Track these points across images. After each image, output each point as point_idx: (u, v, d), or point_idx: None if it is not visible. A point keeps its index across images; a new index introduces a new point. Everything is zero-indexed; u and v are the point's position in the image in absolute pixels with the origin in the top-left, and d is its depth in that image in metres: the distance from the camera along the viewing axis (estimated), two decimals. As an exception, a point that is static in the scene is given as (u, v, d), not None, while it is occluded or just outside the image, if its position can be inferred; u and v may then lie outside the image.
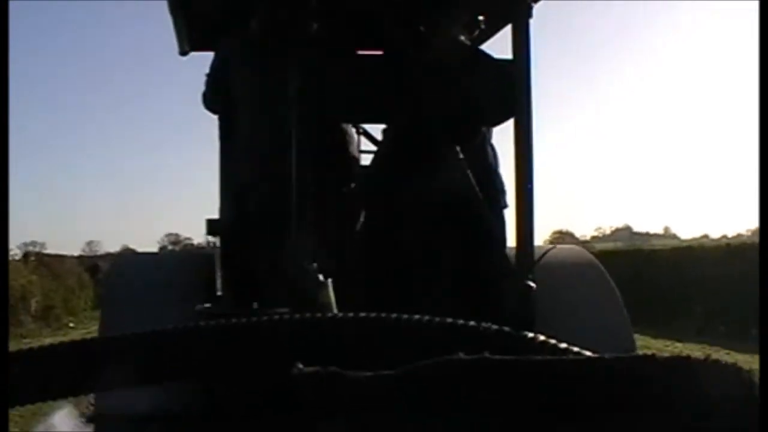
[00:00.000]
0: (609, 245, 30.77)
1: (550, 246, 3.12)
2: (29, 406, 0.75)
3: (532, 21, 2.82)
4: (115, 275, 3.72)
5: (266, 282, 2.79)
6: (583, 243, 51.62)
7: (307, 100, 2.72)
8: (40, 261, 21.87)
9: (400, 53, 3.31)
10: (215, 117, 3.51)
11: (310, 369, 0.58)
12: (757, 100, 1.72)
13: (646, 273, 15.07)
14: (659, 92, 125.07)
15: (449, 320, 0.72)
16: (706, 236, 37.68)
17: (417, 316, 0.71)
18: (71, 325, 19.04)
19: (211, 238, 3.76)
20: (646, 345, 10.08)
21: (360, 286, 2.88)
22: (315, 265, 2.48)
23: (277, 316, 0.77)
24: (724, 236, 27.46)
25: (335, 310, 2.36)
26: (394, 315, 0.74)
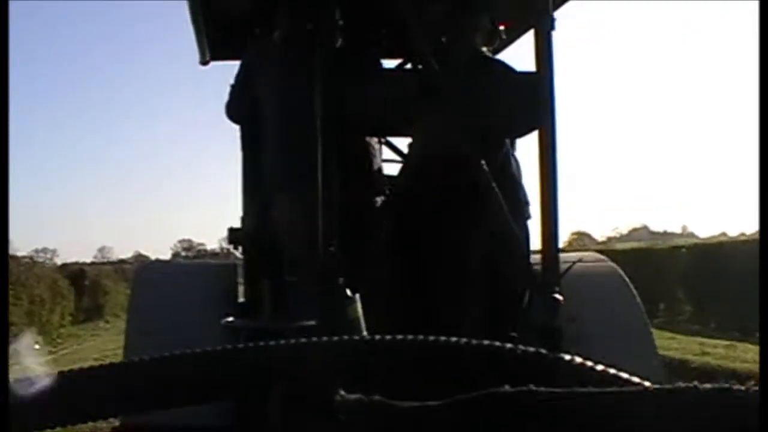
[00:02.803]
0: (632, 244, 30.37)
1: (576, 257, 3.09)
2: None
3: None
4: (140, 285, 3.73)
5: (292, 295, 2.79)
6: (601, 243, 51.32)
7: (332, 111, 2.73)
8: (-3, 265, 16.60)
9: (422, 64, 3.31)
10: (229, 124, 3.50)
11: (353, 396, 0.57)
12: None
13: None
14: (672, 92, 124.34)
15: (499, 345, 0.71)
16: (724, 234, 37.25)
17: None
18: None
19: (225, 245, 3.78)
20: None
21: (386, 299, 2.87)
22: (342, 279, 2.48)
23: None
24: (743, 234, 26.99)
25: (363, 326, 2.35)
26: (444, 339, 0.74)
